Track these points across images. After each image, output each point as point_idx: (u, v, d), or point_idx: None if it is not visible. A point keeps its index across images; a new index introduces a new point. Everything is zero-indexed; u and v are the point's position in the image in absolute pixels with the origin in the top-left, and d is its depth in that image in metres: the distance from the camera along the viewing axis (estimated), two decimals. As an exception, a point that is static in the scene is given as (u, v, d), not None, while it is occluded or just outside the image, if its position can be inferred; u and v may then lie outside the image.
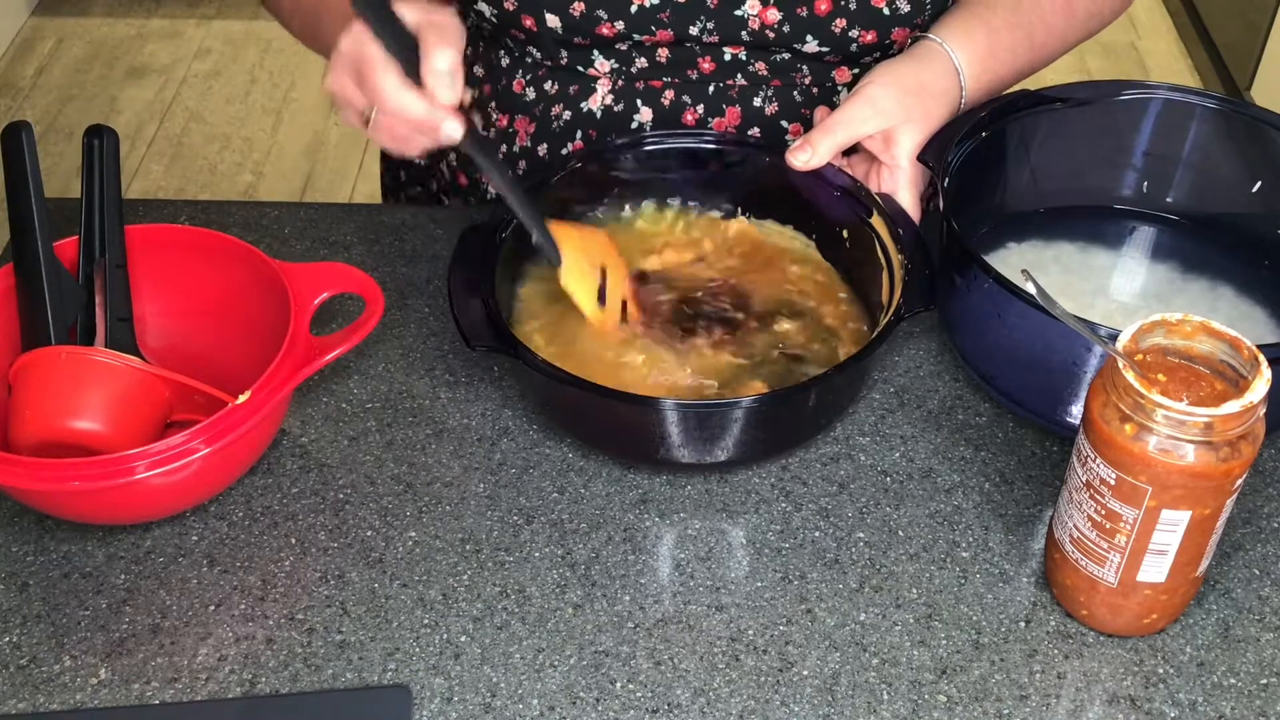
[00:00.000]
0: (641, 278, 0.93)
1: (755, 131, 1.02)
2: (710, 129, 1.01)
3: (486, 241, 0.87)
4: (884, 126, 0.91)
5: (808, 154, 0.91)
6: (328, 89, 0.83)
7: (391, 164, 1.22)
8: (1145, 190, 1.00)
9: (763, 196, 0.97)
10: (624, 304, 0.90)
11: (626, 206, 0.98)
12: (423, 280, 0.99)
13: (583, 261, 0.88)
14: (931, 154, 0.91)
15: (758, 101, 1.01)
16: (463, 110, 0.82)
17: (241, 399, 0.77)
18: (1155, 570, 0.72)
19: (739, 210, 0.98)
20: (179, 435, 0.75)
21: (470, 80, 1.08)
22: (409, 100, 0.79)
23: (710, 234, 0.97)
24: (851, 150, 0.95)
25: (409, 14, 0.80)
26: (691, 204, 0.98)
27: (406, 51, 0.79)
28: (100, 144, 0.87)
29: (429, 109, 0.79)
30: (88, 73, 2.85)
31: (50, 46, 2.93)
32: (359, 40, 0.80)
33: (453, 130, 0.80)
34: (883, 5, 0.95)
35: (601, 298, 0.88)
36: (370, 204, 1.08)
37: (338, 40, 0.81)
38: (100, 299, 0.85)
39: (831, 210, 0.94)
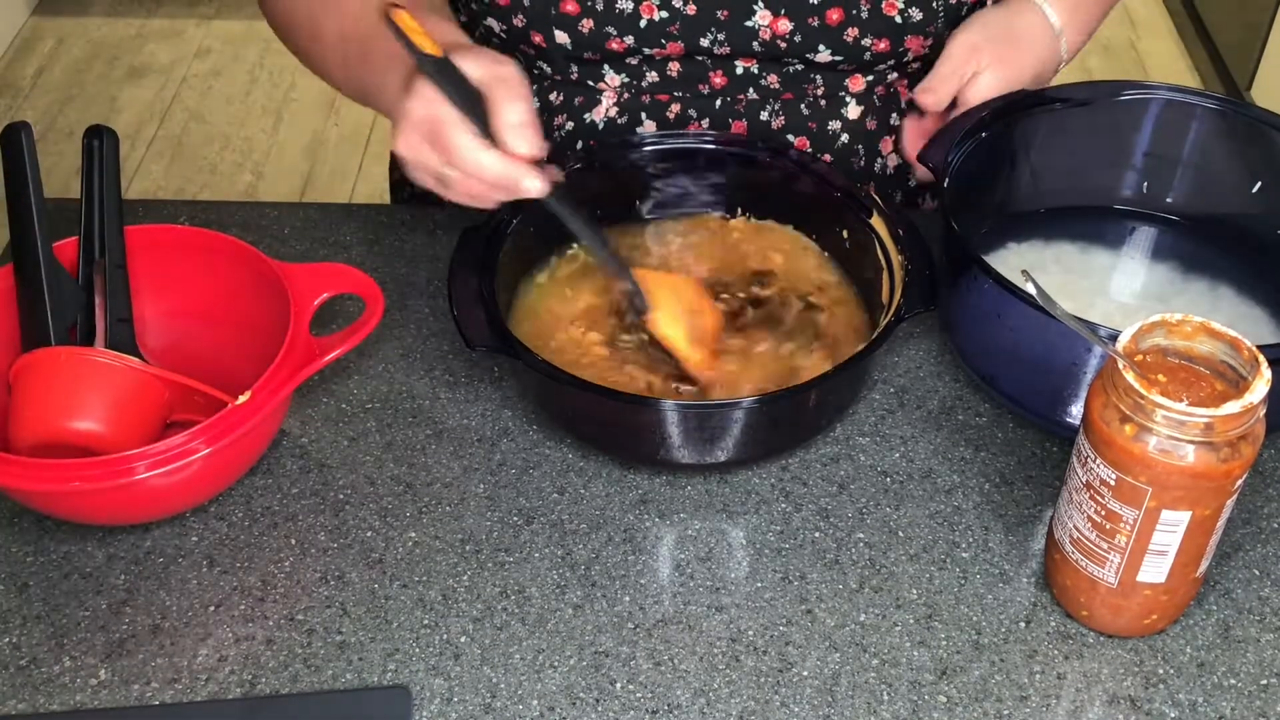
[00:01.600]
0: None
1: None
2: (712, 131, 1.01)
3: (486, 241, 0.87)
4: (977, 69, 0.96)
5: (933, 97, 0.97)
6: (397, 152, 0.81)
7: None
8: (1145, 190, 1.00)
9: (763, 196, 0.97)
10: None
11: (622, 210, 0.98)
12: (423, 280, 0.99)
13: (674, 306, 0.87)
14: (932, 154, 0.91)
15: (764, 115, 1.01)
16: (540, 163, 0.81)
17: (241, 399, 0.77)
18: (1155, 571, 0.72)
19: (740, 211, 0.98)
20: (179, 435, 0.75)
21: None
22: (487, 159, 0.78)
23: (711, 234, 0.97)
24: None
25: (473, 70, 0.79)
26: (692, 206, 0.98)
27: (474, 108, 0.78)
28: (100, 144, 0.87)
29: (506, 166, 0.78)
30: (88, 73, 2.85)
31: (50, 46, 2.93)
32: (430, 101, 0.78)
33: (532, 186, 0.79)
34: (894, 13, 0.95)
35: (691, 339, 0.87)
36: (370, 204, 1.08)
37: (402, 103, 0.80)
38: (100, 299, 0.85)
39: (831, 210, 0.94)
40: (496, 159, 0.78)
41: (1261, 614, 0.78)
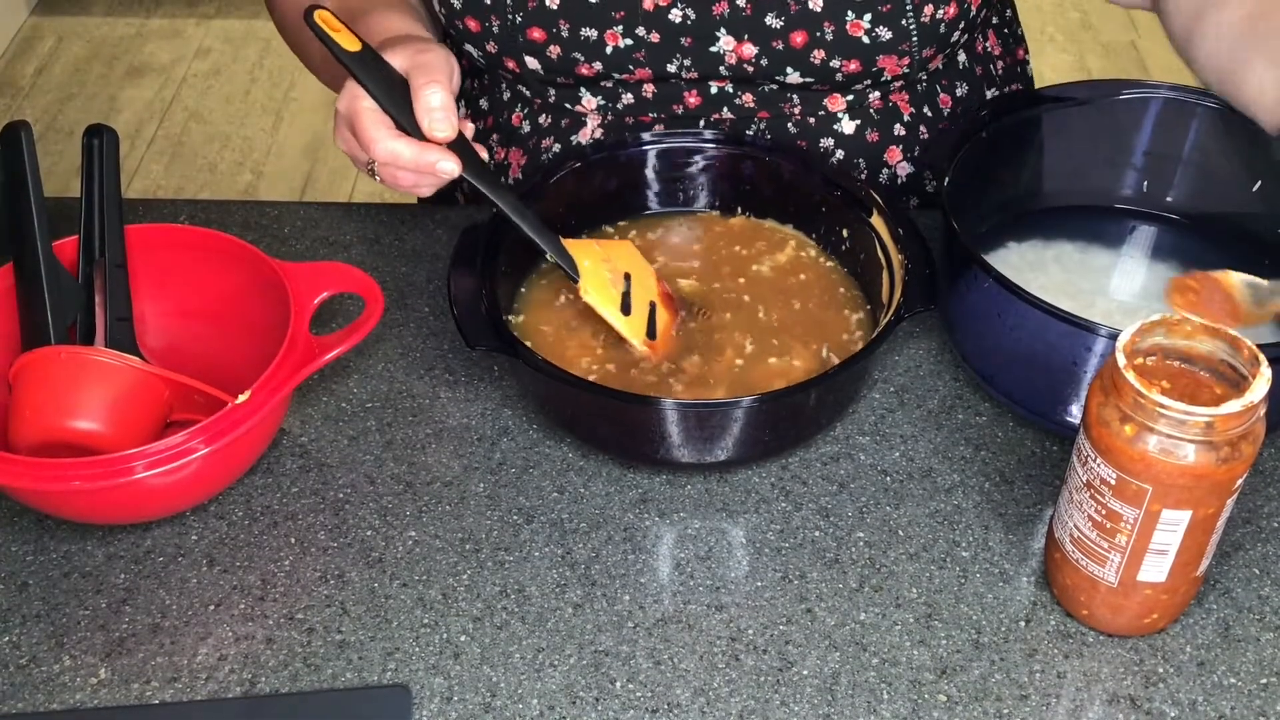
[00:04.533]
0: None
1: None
2: (709, 129, 1.01)
3: (486, 241, 0.87)
4: None
5: None
6: (338, 147, 0.86)
7: None
8: (1145, 190, 1.00)
9: (763, 196, 0.97)
10: (653, 309, 0.89)
11: (623, 209, 0.98)
12: (423, 280, 0.99)
13: (603, 271, 0.88)
14: (932, 154, 0.91)
15: (750, 133, 1.01)
16: (465, 141, 0.83)
17: (241, 399, 0.77)
18: (1156, 570, 0.72)
19: (739, 209, 0.98)
20: (179, 435, 0.75)
21: (475, 114, 1.09)
22: (399, 147, 0.81)
23: (710, 233, 0.97)
24: None
25: (397, 60, 0.82)
26: (692, 204, 0.98)
27: (399, 98, 0.81)
28: (100, 144, 0.87)
29: (418, 152, 0.81)
30: (88, 72, 2.85)
31: (50, 46, 2.93)
32: (352, 97, 0.82)
33: (447, 167, 0.82)
34: (861, 34, 0.93)
35: (627, 307, 0.88)
36: (370, 204, 1.08)
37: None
38: (100, 299, 0.85)
39: (831, 210, 0.94)
40: (408, 146, 0.81)
41: (1261, 613, 0.78)
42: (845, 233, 0.93)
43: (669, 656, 0.75)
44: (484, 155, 0.86)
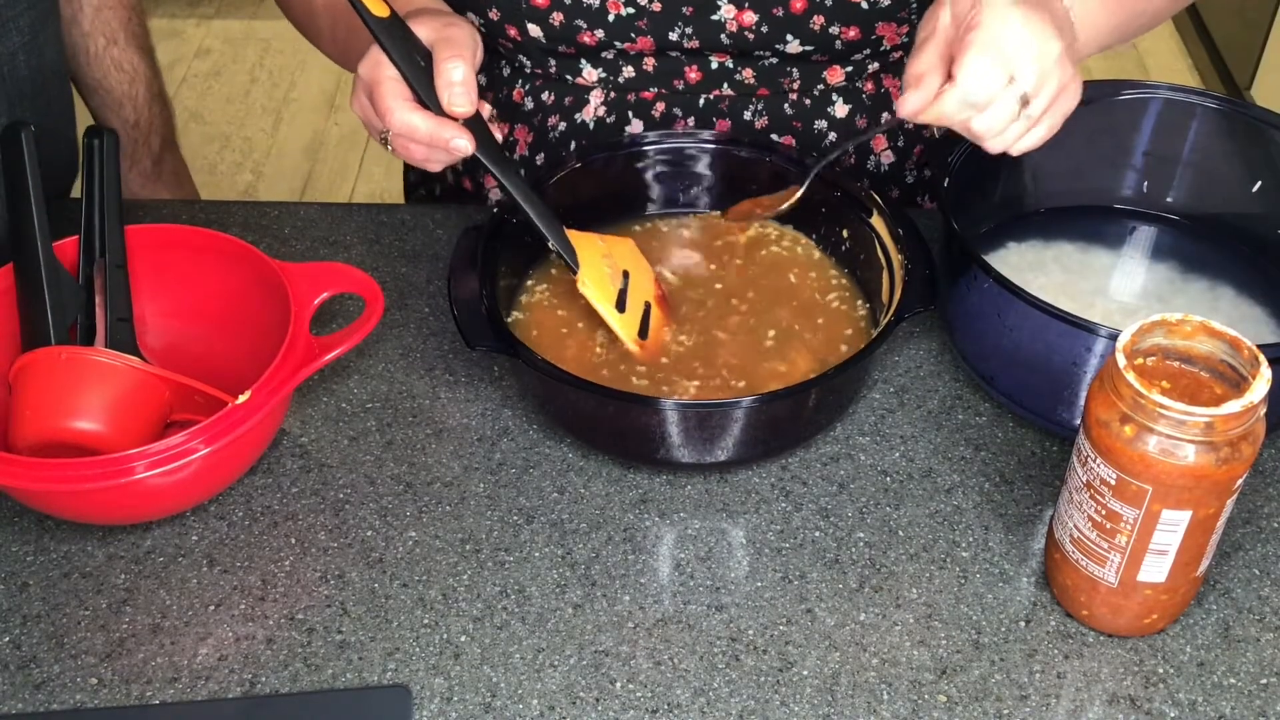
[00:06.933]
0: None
1: None
2: (709, 130, 1.01)
3: (486, 241, 0.87)
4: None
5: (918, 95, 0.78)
6: (352, 111, 0.86)
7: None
8: (1145, 190, 1.00)
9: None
10: (648, 309, 0.89)
11: (625, 209, 0.98)
12: (423, 280, 0.99)
13: (602, 266, 0.88)
14: (932, 154, 0.91)
15: (748, 115, 1.01)
16: (480, 121, 0.83)
17: (241, 399, 0.77)
18: (1155, 570, 0.72)
19: (739, 210, 0.98)
20: (179, 435, 0.75)
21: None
22: (415, 119, 0.81)
23: (710, 234, 0.97)
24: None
25: (424, 31, 0.82)
26: (691, 205, 0.98)
27: (421, 69, 0.81)
28: (100, 144, 0.87)
29: (434, 127, 0.81)
30: (88, 72, 2.85)
31: (50, 46, 2.93)
32: (374, 64, 0.82)
33: (461, 144, 0.81)
34: (860, 0, 0.94)
35: (623, 304, 0.88)
36: (370, 204, 1.08)
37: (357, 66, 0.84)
38: (100, 299, 0.85)
39: (831, 210, 0.94)
40: (424, 119, 0.81)
41: (1261, 613, 0.78)
42: (845, 233, 0.93)
43: (669, 657, 0.75)
44: (499, 136, 0.86)
